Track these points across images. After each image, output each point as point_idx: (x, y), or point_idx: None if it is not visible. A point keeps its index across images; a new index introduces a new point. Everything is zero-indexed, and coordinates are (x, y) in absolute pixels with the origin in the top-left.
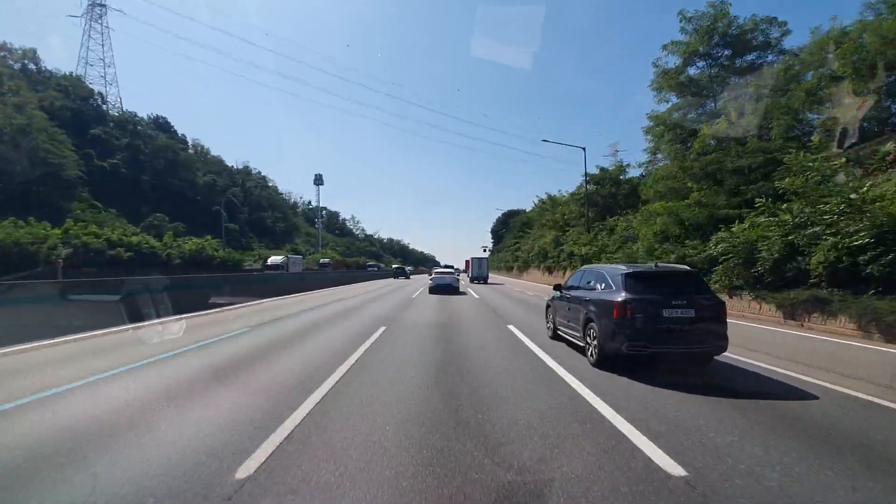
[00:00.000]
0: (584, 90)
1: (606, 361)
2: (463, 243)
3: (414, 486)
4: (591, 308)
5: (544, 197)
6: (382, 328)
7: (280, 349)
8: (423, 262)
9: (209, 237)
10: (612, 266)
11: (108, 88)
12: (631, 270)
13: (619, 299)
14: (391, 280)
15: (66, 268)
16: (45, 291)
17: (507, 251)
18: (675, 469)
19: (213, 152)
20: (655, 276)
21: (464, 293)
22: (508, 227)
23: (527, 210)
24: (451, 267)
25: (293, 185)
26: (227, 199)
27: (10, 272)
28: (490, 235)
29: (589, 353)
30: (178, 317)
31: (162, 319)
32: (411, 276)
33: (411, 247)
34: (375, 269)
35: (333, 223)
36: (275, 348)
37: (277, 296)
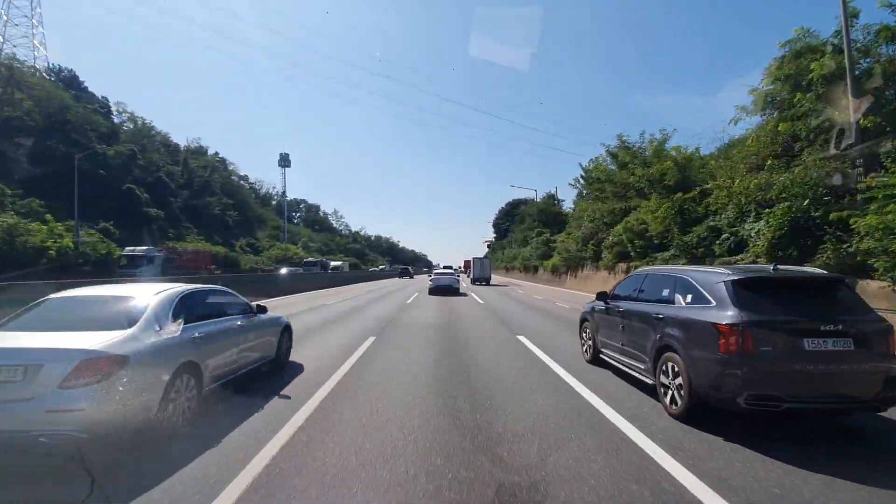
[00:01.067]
0: (581, 88)
1: (700, 414)
2: (457, 243)
3: None
4: (672, 331)
5: (612, 146)
6: None
7: None
8: (414, 262)
9: (50, 218)
10: (699, 268)
11: (35, 52)
12: (742, 276)
13: (729, 321)
14: (351, 288)
15: None
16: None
17: (516, 246)
18: None
19: (194, 143)
20: (782, 284)
21: (464, 294)
22: (514, 219)
23: (535, 199)
24: (451, 267)
25: (274, 177)
26: (156, 178)
27: None
28: (492, 229)
29: (666, 398)
30: None
31: None
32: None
33: (401, 245)
34: (315, 269)
35: (313, 218)
36: None
37: None
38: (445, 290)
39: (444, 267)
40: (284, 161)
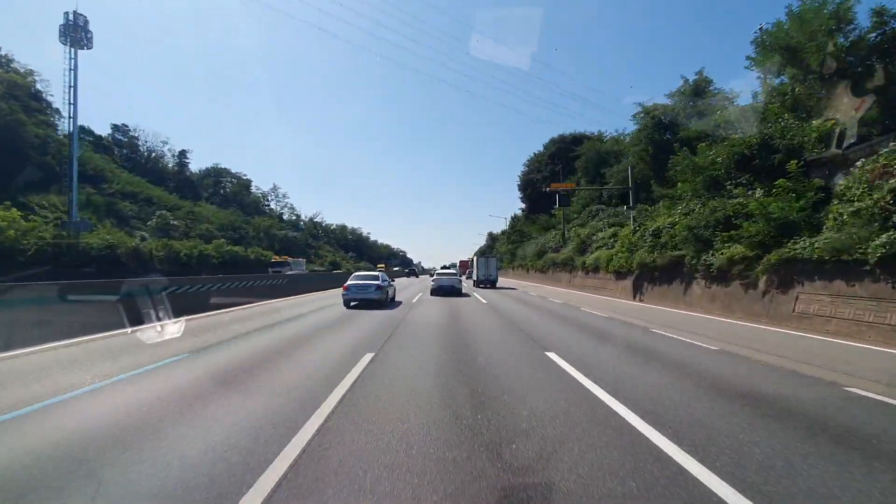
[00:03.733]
0: (579, 87)
1: None
2: (444, 241)
3: None
4: None
5: None
6: None
7: None
8: (389, 259)
9: None
10: None
11: None
12: None
13: None
14: None
15: None
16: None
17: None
18: None
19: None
20: None
21: (467, 295)
22: (571, 167)
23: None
24: (447, 267)
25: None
26: None
27: None
28: (519, 193)
29: None
30: None
31: None
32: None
33: (372, 238)
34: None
35: (238, 193)
36: None
37: None
38: (448, 290)
39: (443, 267)
40: (74, 31)
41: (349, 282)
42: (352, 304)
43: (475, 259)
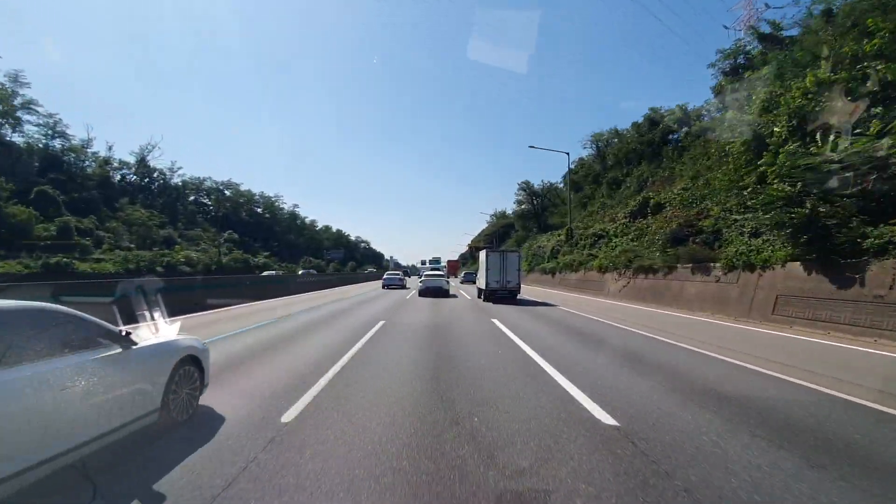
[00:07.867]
0: (575, 91)
1: None
2: (424, 234)
3: None
4: None
5: None
6: None
7: None
8: (329, 251)
9: None
10: None
11: None
12: None
13: None
14: None
15: None
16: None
17: None
18: None
19: None
20: None
21: (454, 295)
22: None
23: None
24: (437, 266)
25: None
26: None
27: None
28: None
29: None
30: None
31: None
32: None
33: (308, 219)
34: None
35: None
36: None
37: None
38: (436, 292)
39: (432, 267)
40: None
41: (385, 276)
42: (385, 287)
43: (485, 256)
